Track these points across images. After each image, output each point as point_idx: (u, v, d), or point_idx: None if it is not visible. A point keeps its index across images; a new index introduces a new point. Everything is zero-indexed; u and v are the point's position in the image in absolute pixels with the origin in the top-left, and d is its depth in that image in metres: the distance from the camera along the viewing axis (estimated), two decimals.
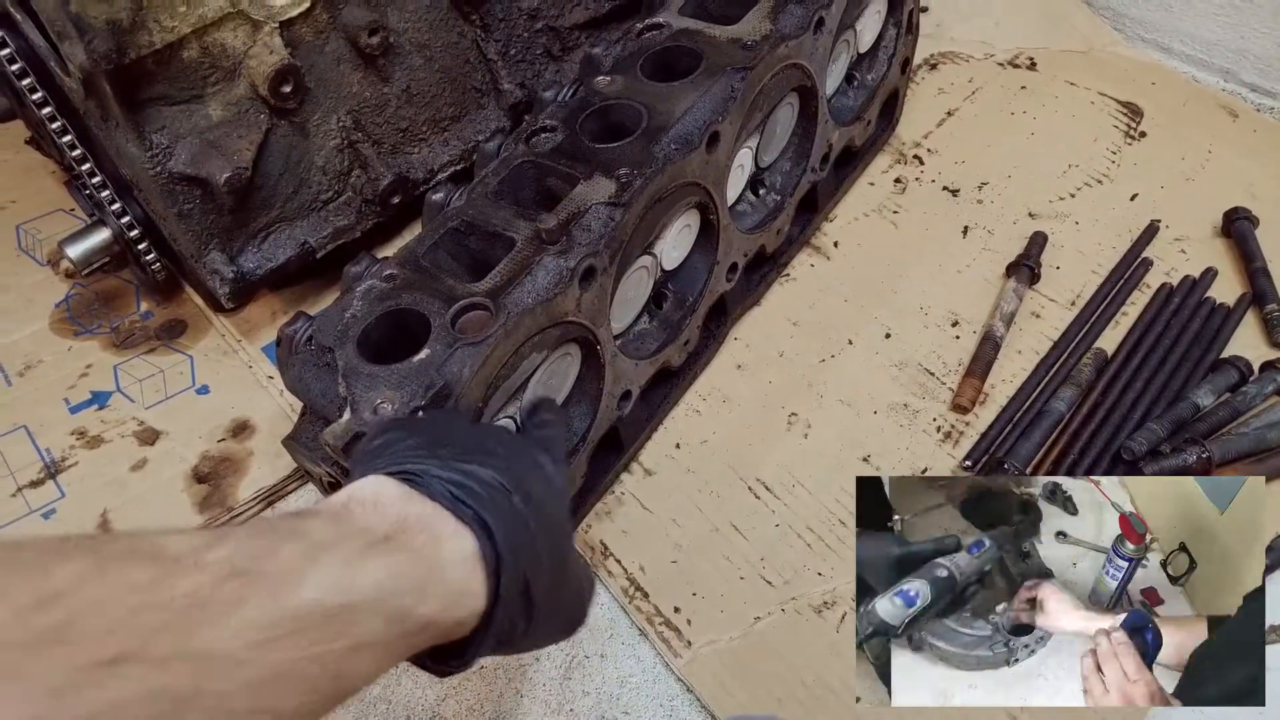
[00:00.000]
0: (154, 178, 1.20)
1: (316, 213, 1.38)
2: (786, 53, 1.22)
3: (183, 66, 1.17)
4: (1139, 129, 1.64)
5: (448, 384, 0.91)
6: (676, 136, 1.12)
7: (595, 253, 1.02)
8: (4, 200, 1.62)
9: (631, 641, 1.14)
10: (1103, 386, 1.27)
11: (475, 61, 1.48)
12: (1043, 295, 1.41)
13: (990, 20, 1.85)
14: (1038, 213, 1.52)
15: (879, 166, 1.62)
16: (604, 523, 1.23)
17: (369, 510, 0.65)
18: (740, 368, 1.37)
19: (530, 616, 0.72)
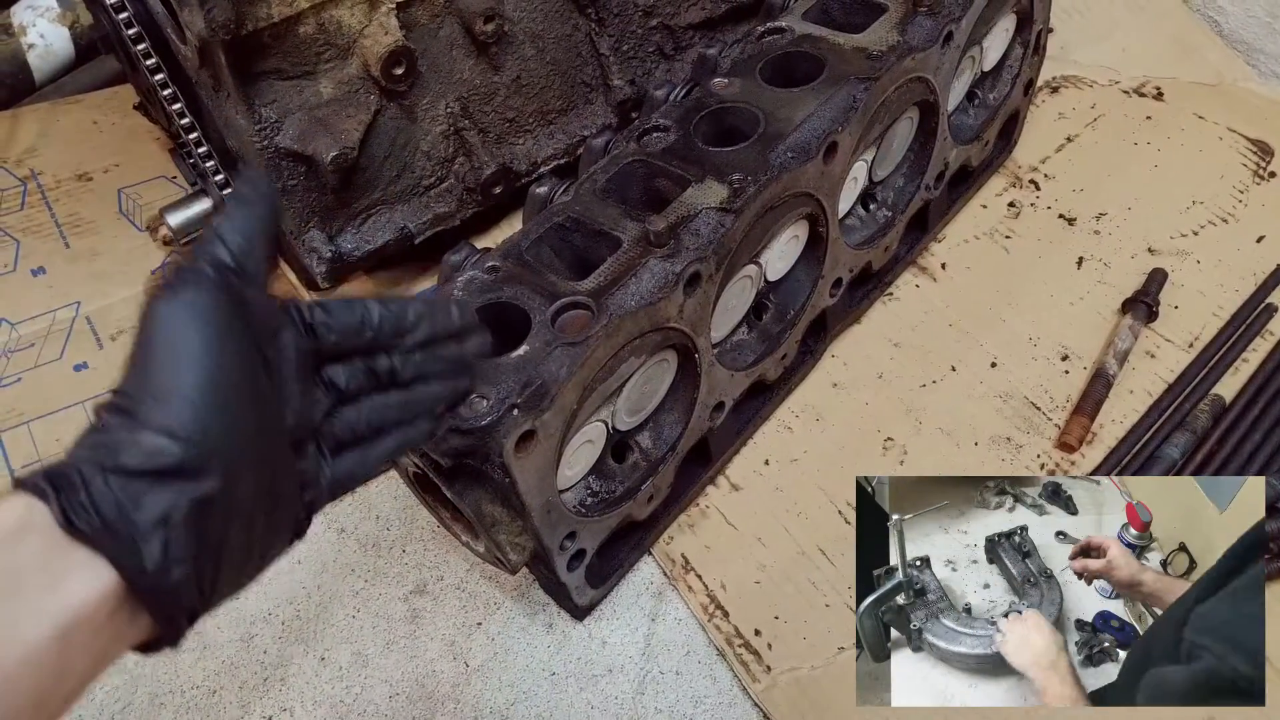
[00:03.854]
0: (260, 151, 1.20)
1: (418, 198, 1.36)
2: (912, 65, 1.18)
3: (298, 41, 1.16)
4: (1269, 169, 1.56)
5: (544, 383, 0.88)
6: (793, 144, 1.08)
7: (703, 259, 0.99)
8: (108, 164, 1.62)
9: (708, 661, 1.10)
10: (1219, 435, 1.21)
11: (587, 55, 1.45)
12: (1159, 335, 1.35)
13: (1117, 46, 1.78)
14: (1157, 248, 1.46)
15: (993, 189, 1.57)
16: (686, 535, 1.19)
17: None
18: (836, 386, 1.33)
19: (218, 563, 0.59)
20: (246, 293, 0.61)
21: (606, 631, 1.14)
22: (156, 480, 0.54)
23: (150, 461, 0.54)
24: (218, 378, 0.57)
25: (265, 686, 1.11)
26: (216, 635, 1.15)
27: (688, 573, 1.16)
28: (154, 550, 0.54)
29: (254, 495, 0.60)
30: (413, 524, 1.24)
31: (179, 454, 0.55)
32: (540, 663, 1.12)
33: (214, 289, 0.59)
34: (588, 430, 1.00)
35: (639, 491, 1.08)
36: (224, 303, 0.59)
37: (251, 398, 0.60)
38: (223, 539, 0.58)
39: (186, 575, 0.56)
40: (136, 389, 0.56)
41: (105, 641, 0.55)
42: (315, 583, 1.20)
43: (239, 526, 0.59)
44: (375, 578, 1.20)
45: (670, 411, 1.11)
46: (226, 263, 0.61)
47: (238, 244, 0.62)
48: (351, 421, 0.72)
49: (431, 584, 1.19)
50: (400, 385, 0.74)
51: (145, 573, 0.54)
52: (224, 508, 0.57)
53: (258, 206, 0.65)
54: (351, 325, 0.70)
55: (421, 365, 0.75)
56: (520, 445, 0.88)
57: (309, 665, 1.13)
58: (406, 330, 0.73)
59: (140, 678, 1.12)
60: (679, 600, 1.15)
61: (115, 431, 0.55)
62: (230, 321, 0.59)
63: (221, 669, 1.13)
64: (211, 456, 0.56)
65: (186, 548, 0.55)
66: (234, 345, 0.59)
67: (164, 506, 0.54)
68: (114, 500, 0.53)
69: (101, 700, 1.11)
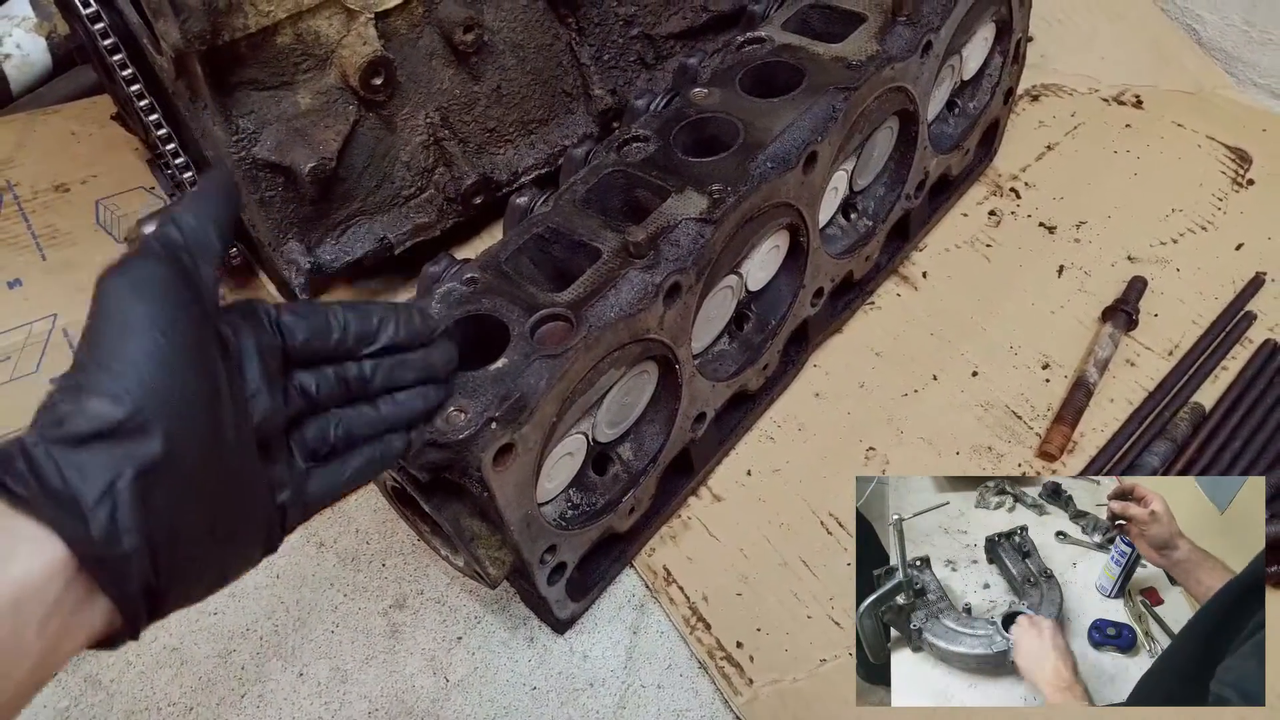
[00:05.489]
0: (238, 162, 1.19)
1: (397, 208, 1.36)
2: (892, 75, 1.18)
3: (275, 52, 1.15)
4: (1247, 176, 1.57)
5: (523, 395, 0.88)
6: (773, 155, 1.08)
7: (683, 269, 0.99)
8: (85, 175, 1.61)
9: (690, 674, 1.10)
10: (1199, 443, 1.21)
11: (568, 65, 1.45)
12: (1139, 343, 1.35)
13: (1096, 54, 1.79)
14: (1137, 256, 1.46)
15: (974, 197, 1.57)
16: (668, 547, 1.19)
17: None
18: (818, 396, 1.32)
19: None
20: (198, 271, 0.62)
21: (588, 645, 1.13)
22: (99, 443, 0.54)
23: (91, 425, 0.54)
24: (161, 343, 0.57)
25: (243, 703, 1.10)
26: (194, 651, 1.14)
27: (669, 585, 1.15)
28: (101, 517, 0.54)
29: (207, 470, 0.60)
30: (392, 538, 1.23)
31: (120, 414, 0.55)
32: (521, 677, 1.11)
33: (161, 263, 0.60)
34: (568, 443, 1.00)
35: (620, 504, 1.08)
36: (170, 275, 0.60)
37: (200, 367, 0.60)
38: (174, 513, 0.57)
39: (137, 547, 0.55)
40: (84, 362, 0.57)
41: (61, 622, 0.55)
42: (294, 597, 1.18)
43: (194, 505, 0.59)
44: (354, 592, 1.19)
45: (651, 423, 1.11)
46: (176, 240, 0.62)
47: (189, 225, 0.63)
48: (324, 431, 0.72)
49: (411, 598, 1.18)
50: (371, 398, 0.74)
51: (93, 541, 0.54)
52: (171, 475, 0.57)
53: (215, 195, 0.66)
54: (318, 326, 0.70)
55: (391, 374, 0.75)
56: (499, 459, 0.88)
57: (287, 681, 1.12)
58: (373, 332, 0.74)
59: (117, 694, 1.11)
60: (660, 613, 1.15)
61: (61, 405, 0.56)
62: (177, 293, 0.60)
63: (199, 685, 1.12)
64: (154, 418, 0.56)
65: (135, 517, 0.55)
66: (180, 314, 0.59)
67: (108, 473, 0.54)
68: (56, 468, 0.53)
69: (77, 717, 1.10)
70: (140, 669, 1.13)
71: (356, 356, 0.74)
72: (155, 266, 0.60)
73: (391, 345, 0.75)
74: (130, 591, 0.56)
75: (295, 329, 0.69)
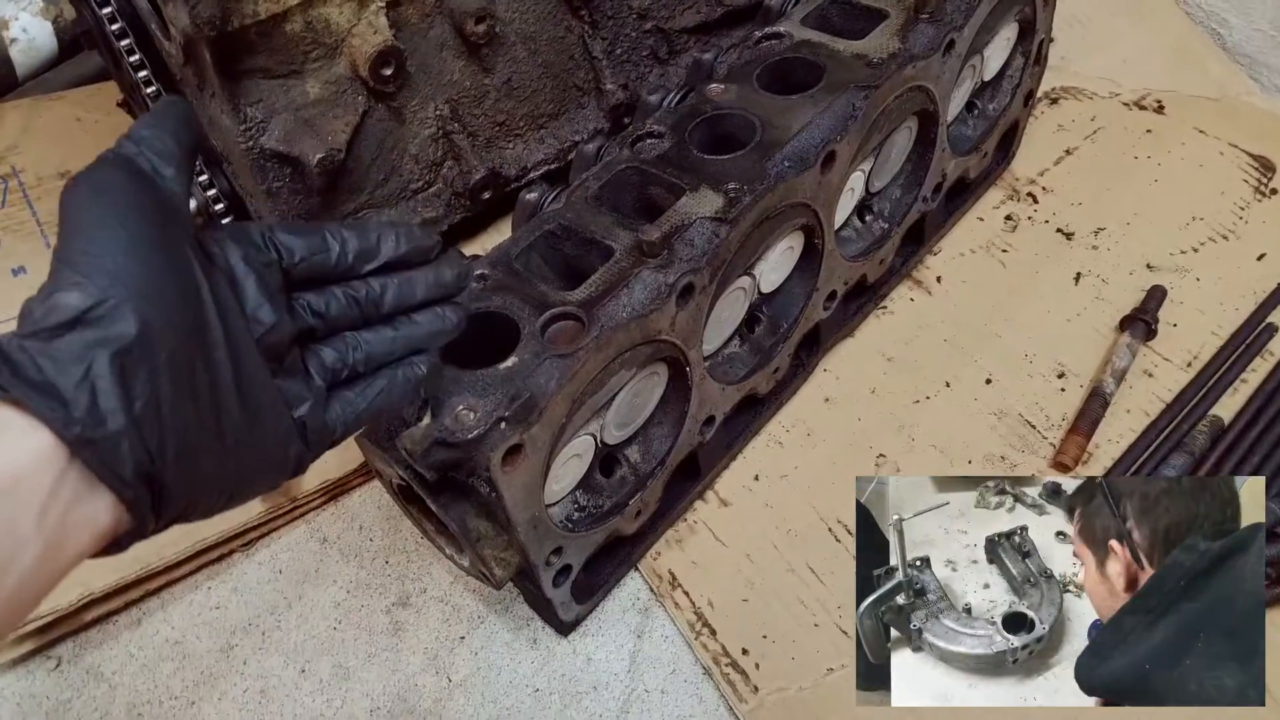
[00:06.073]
0: (245, 152, 1.17)
1: (405, 201, 1.34)
2: (913, 74, 1.16)
3: (285, 40, 1.13)
4: (1270, 185, 1.54)
5: (533, 395, 0.86)
6: (791, 154, 1.06)
7: (696, 270, 0.97)
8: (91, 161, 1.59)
9: (694, 680, 1.08)
10: (1217, 457, 1.19)
11: (579, 58, 1.43)
12: (1157, 353, 1.32)
13: (1118, 57, 1.76)
14: (1156, 265, 1.44)
15: (990, 201, 1.54)
16: (674, 551, 1.17)
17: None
18: (828, 401, 1.30)
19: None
20: (159, 173, 0.62)
21: (592, 648, 1.11)
22: (70, 332, 0.55)
23: (61, 316, 0.55)
24: (122, 234, 0.58)
25: (245, 698, 1.09)
26: (196, 644, 1.13)
27: (675, 589, 1.14)
28: (82, 401, 0.54)
29: (196, 363, 0.59)
30: (396, 535, 1.21)
31: (88, 301, 0.55)
32: (524, 679, 1.09)
33: (116, 167, 0.61)
34: (576, 444, 0.98)
35: (627, 506, 1.06)
36: (126, 176, 0.61)
37: (166, 254, 0.59)
38: (162, 397, 0.57)
39: (123, 426, 0.55)
40: (54, 267, 0.57)
41: (60, 514, 0.55)
42: (296, 593, 1.17)
43: (188, 397, 0.59)
44: (357, 589, 1.17)
45: (660, 425, 1.09)
46: (130, 148, 0.63)
47: (143, 135, 0.63)
48: (342, 354, 0.71)
49: (414, 596, 1.16)
50: (386, 319, 0.73)
51: (77, 422, 0.54)
52: (152, 357, 0.56)
53: (169, 112, 0.66)
54: (316, 242, 0.70)
55: (401, 291, 0.73)
56: (507, 459, 0.86)
57: (289, 677, 1.11)
58: (373, 247, 0.72)
59: (119, 686, 1.10)
60: (665, 617, 1.13)
61: (33, 307, 0.56)
62: (135, 189, 0.60)
63: (200, 680, 1.11)
64: (124, 300, 0.56)
65: (117, 398, 0.55)
66: (139, 207, 0.60)
67: (84, 358, 0.54)
68: (32, 361, 0.54)
69: (79, 710, 1.09)
70: (143, 661, 1.12)
71: (359, 274, 0.72)
72: (110, 170, 0.61)
73: (395, 261, 0.73)
74: (124, 474, 0.56)
75: (292, 246, 0.68)
